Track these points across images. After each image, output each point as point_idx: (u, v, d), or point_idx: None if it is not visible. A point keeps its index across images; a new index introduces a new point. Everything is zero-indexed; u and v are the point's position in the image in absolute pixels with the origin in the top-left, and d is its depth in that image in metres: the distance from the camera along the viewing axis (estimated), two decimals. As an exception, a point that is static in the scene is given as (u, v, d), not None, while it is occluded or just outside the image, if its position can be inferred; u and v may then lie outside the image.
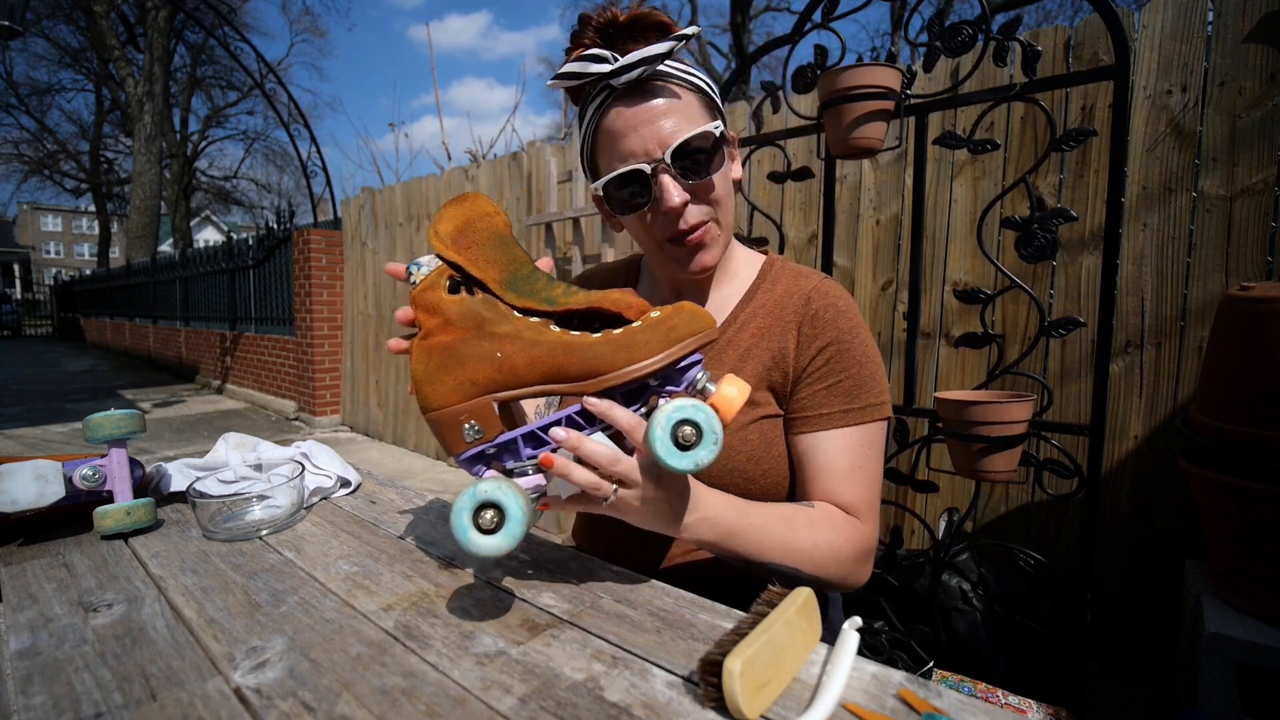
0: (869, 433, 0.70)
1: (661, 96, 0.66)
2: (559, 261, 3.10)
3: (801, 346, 0.71)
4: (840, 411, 0.69)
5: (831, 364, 0.70)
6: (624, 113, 0.66)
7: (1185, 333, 1.64)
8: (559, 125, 9.94)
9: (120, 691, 0.42)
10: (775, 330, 0.73)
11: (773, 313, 0.74)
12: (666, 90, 0.66)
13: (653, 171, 0.66)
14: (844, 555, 0.65)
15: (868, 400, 0.70)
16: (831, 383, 0.70)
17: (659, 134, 0.65)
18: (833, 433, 0.69)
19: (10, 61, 19.40)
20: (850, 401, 0.70)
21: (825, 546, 0.64)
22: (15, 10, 4.41)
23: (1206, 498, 1.22)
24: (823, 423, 0.69)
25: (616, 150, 0.67)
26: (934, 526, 1.94)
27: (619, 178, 0.67)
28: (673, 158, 0.65)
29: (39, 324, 19.96)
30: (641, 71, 0.64)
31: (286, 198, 12.78)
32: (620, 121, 0.66)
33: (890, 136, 1.53)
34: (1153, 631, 1.66)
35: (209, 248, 6.95)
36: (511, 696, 0.42)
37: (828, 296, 0.72)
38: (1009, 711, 0.67)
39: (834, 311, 0.71)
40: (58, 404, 5.67)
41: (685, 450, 0.49)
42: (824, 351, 0.70)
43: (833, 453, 0.69)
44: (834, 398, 0.70)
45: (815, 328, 0.71)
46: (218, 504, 0.73)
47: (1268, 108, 1.52)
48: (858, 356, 0.70)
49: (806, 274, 0.76)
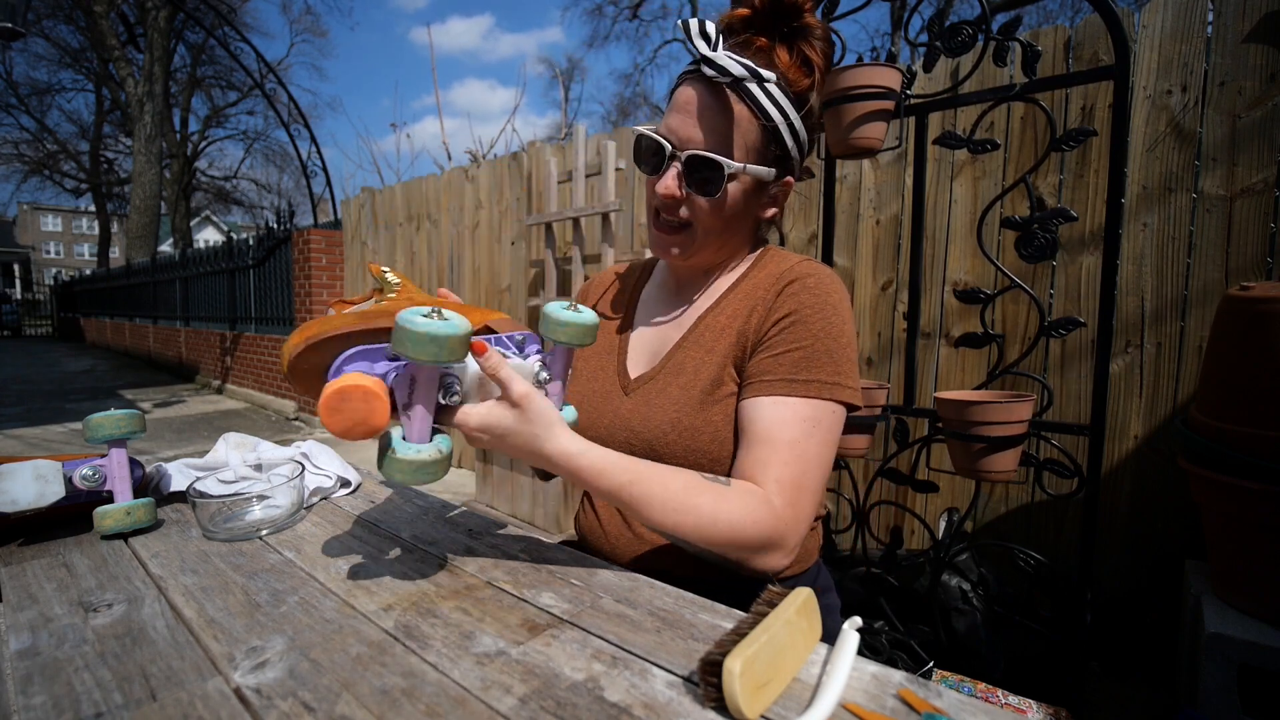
0: (814, 409, 0.66)
1: (722, 107, 0.69)
2: (559, 261, 3.10)
3: (762, 318, 0.71)
4: (783, 380, 0.66)
5: (784, 334, 0.68)
6: (689, 95, 0.70)
7: (1185, 333, 1.64)
8: (559, 126, 9.94)
9: (120, 691, 0.42)
10: (747, 309, 0.73)
11: (751, 294, 0.74)
12: (733, 105, 0.69)
13: (669, 154, 0.70)
14: (744, 537, 0.60)
15: (817, 375, 0.66)
16: (780, 351, 0.68)
17: (692, 132, 0.69)
18: (771, 400, 0.66)
19: (10, 61, 19.40)
20: (796, 372, 0.67)
21: (724, 522, 0.60)
22: (16, 11, 4.41)
23: (1206, 498, 1.22)
24: (762, 389, 0.67)
25: (666, 117, 0.72)
26: (934, 526, 1.94)
27: (647, 138, 0.72)
28: (686, 160, 0.70)
29: (39, 324, 19.96)
30: (715, 76, 0.67)
31: (286, 198, 12.79)
32: (682, 98, 0.70)
33: (890, 136, 1.53)
34: (1153, 631, 1.66)
35: (209, 248, 6.96)
36: (511, 696, 0.42)
37: (800, 274, 0.72)
38: (1009, 711, 0.67)
39: (800, 287, 0.70)
40: (58, 404, 5.67)
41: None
42: (780, 323, 0.69)
43: (768, 421, 0.65)
44: (779, 365, 0.67)
45: (779, 302, 0.71)
46: (218, 504, 0.73)
47: (1268, 108, 1.52)
48: (815, 331, 0.68)
49: (791, 259, 0.76)
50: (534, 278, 3.34)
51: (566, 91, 19.20)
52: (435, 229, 4.06)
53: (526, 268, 3.40)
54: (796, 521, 0.63)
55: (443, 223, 4.00)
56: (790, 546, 0.63)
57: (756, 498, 0.62)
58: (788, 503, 0.63)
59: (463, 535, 0.73)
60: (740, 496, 0.62)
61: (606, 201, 2.76)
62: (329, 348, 0.55)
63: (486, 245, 3.69)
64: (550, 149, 3.25)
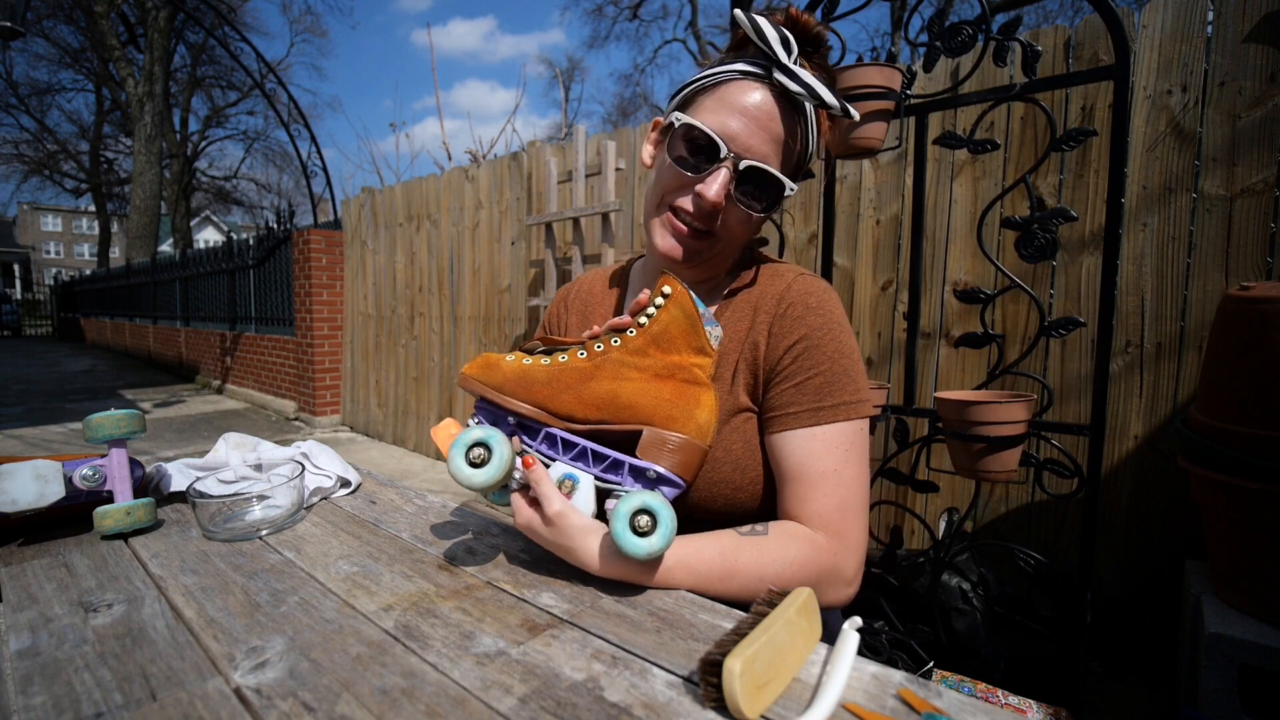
0: (843, 432, 0.66)
1: (787, 121, 0.67)
2: (559, 261, 3.10)
3: (771, 346, 0.69)
4: (809, 410, 0.66)
5: (799, 361, 0.67)
6: (756, 99, 0.66)
7: (1185, 332, 1.64)
8: (559, 126, 9.94)
9: (120, 691, 0.42)
10: (748, 331, 0.71)
11: (748, 314, 0.72)
12: (794, 122, 0.67)
13: (723, 158, 0.66)
14: (796, 582, 0.60)
15: (841, 398, 0.66)
16: (799, 380, 0.67)
17: (755, 143, 0.66)
18: (800, 432, 0.66)
19: (10, 61, 19.40)
20: (820, 399, 0.66)
21: (772, 575, 0.60)
22: (16, 10, 4.40)
23: (1206, 498, 1.22)
24: (790, 421, 0.66)
25: (720, 113, 0.67)
26: (934, 526, 1.94)
27: (700, 132, 0.66)
28: (745, 170, 0.66)
29: (39, 324, 19.98)
30: (798, 92, 0.65)
31: (286, 198, 12.82)
32: (746, 100, 0.66)
33: (890, 136, 1.53)
34: (1153, 631, 1.66)
35: (209, 248, 6.96)
36: (511, 696, 0.42)
37: (801, 294, 0.70)
38: (1009, 711, 0.67)
39: (803, 308, 0.69)
40: (58, 404, 5.67)
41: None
42: (792, 349, 0.68)
43: (801, 454, 0.65)
44: (802, 395, 0.66)
45: (784, 326, 0.69)
46: (218, 504, 0.73)
47: (1268, 108, 1.52)
48: (829, 353, 0.67)
49: (782, 271, 0.74)
50: (534, 278, 3.34)
51: (566, 92, 19.20)
52: (435, 229, 4.06)
53: (526, 268, 3.40)
54: (847, 550, 0.64)
55: (443, 223, 4.00)
56: (850, 575, 0.64)
57: (799, 540, 0.62)
58: (834, 534, 0.63)
59: (463, 535, 0.73)
60: (780, 544, 0.62)
61: (606, 201, 2.76)
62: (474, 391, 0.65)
63: (486, 245, 3.69)
64: (550, 149, 3.25)
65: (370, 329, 4.66)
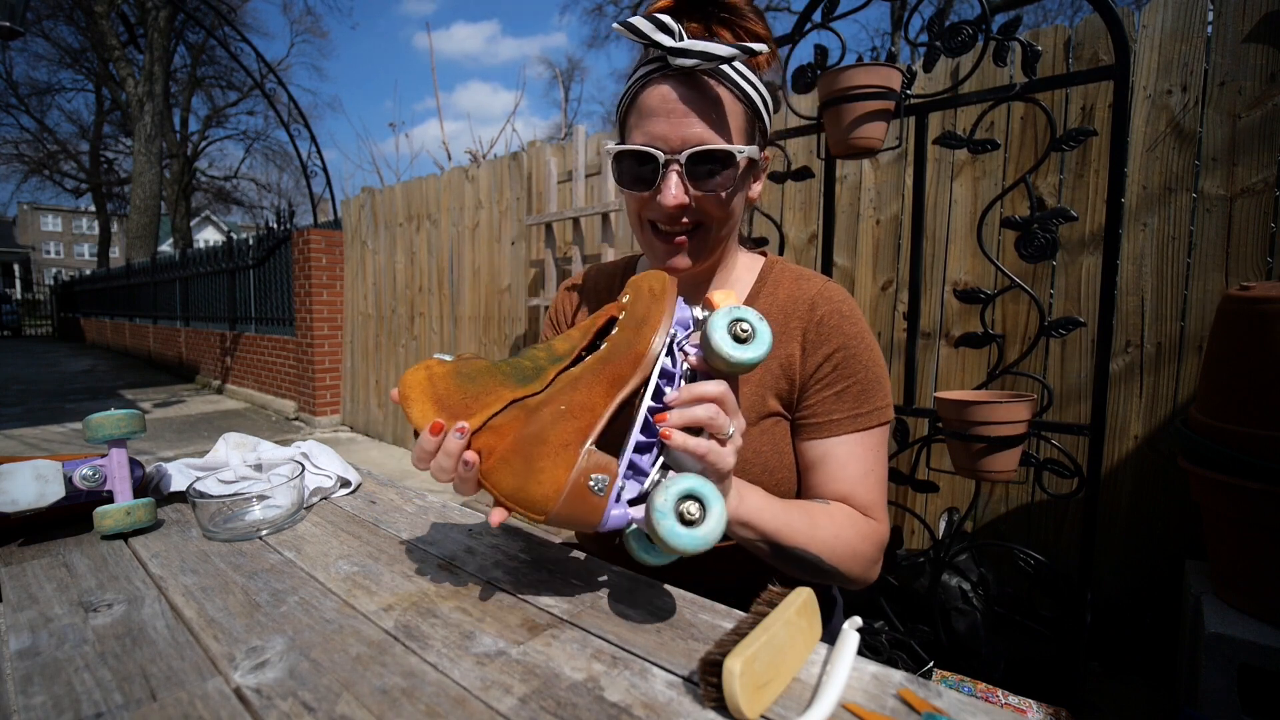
0: (876, 436, 0.72)
1: (707, 95, 0.65)
2: (559, 261, 3.10)
3: (808, 353, 0.72)
4: (849, 417, 0.71)
5: (839, 370, 0.71)
6: (666, 94, 0.65)
7: (1185, 332, 1.64)
8: (559, 127, 9.94)
9: (120, 691, 0.42)
10: (780, 337, 0.73)
11: (777, 319, 0.74)
12: (715, 90, 0.65)
13: (665, 163, 0.65)
14: (861, 552, 0.67)
15: (875, 404, 0.71)
16: (840, 389, 0.71)
17: (686, 131, 0.65)
18: (843, 438, 0.71)
19: (10, 61, 19.42)
20: (858, 406, 0.71)
21: (843, 543, 0.65)
22: (16, 10, 4.40)
23: (1206, 498, 1.22)
24: (833, 429, 0.71)
25: (645, 125, 0.66)
26: (934, 526, 1.94)
27: (630, 152, 0.67)
28: (688, 160, 0.65)
29: (39, 324, 19.97)
30: (697, 64, 0.63)
31: (286, 198, 12.80)
32: (658, 100, 0.65)
33: (890, 136, 1.53)
34: (1153, 631, 1.66)
35: (209, 248, 6.95)
36: (511, 696, 0.42)
37: (832, 302, 0.73)
38: (1009, 711, 0.67)
39: (839, 317, 0.72)
40: (58, 404, 5.67)
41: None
42: (831, 358, 0.71)
43: (845, 458, 0.70)
44: (843, 403, 0.71)
45: (821, 334, 0.72)
46: (218, 504, 0.73)
47: (1268, 108, 1.52)
48: (864, 362, 0.71)
49: (808, 277, 0.76)
50: (534, 278, 3.34)
51: (566, 92, 19.18)
52: (435, 229, 4.06)
53: (526, 268, 3.40)
54: (887, 529, 0.72)
55: (443, 223, 4.00)
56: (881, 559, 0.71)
57: (858, 515, 0.69)
58: (880, 517, 0.71)
59: (463, 535, 0.73)
60: (848, 518, 0.68)
61: (606, 201, 2.76)
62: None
63: (486, 245, 3.69)
64: (550, 149, 3.25)
65: (370, 329, 4.66)
